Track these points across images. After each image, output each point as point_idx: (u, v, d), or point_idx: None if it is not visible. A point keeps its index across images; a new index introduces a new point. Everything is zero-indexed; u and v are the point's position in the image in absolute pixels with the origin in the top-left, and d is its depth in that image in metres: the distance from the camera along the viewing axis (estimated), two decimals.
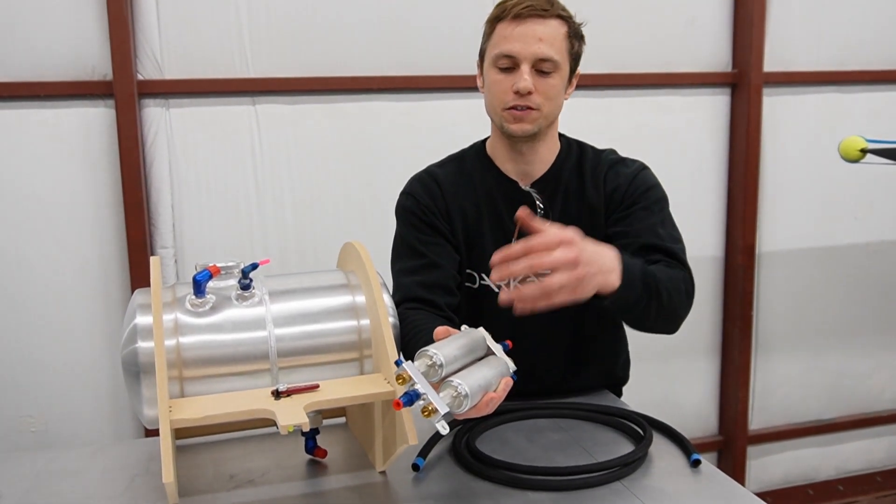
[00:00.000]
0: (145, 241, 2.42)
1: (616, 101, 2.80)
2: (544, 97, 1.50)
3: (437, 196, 1.63)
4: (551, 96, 1.51)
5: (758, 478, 3.22)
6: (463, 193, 1.63)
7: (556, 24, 1.49)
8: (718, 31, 2.88)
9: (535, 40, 1.46)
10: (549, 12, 1.48)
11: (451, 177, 1.66)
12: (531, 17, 1.46)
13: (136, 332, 1.17)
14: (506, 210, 1.60)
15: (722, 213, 3.01)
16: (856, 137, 2.12)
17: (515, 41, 1.47)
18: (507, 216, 1.60)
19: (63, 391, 2.49)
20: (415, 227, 1.62)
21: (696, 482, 1.25)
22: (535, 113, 1.51)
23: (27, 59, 2.33)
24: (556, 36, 1.48)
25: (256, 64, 2.47)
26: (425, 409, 1.02)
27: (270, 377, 1.20)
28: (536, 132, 1.54)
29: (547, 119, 1.53)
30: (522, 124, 1.52)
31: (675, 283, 1.43)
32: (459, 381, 1.04)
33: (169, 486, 1.06)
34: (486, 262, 1.59)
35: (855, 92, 3.04)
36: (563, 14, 1.51)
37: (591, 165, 1.62)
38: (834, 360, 3.24)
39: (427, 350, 1.06)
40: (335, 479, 1.28)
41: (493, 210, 1.62)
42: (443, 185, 1.64)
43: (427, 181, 1.66)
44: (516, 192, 1.61)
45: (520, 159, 1.61)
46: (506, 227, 1.60)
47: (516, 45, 1.47)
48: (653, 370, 3.00)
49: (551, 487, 1.22)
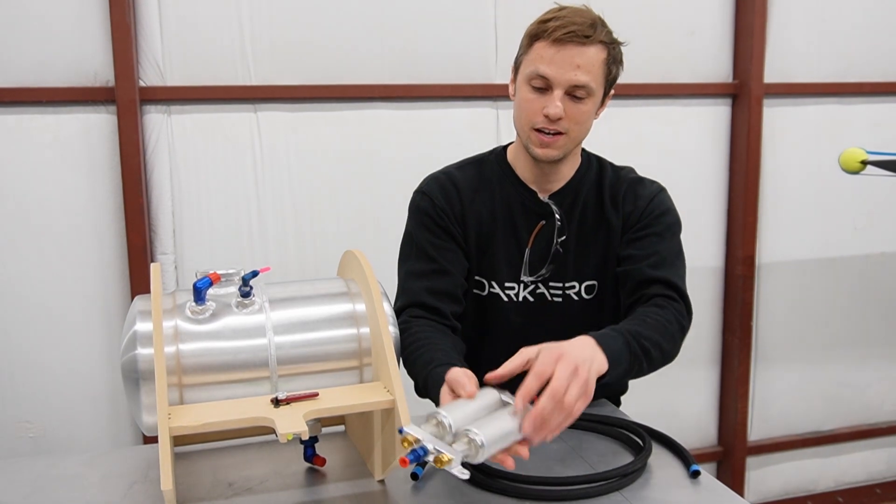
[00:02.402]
0: (146, 247, 2.42)
1: (617, 112, 2.80)
2: (574, 122, 1.48)
3: (454, 199, 1.60)
4: (581, 121, 1.49)
5: (757, 489, 3.22)
6: (480, 199, 1.61)
7: (596, 50, 1.45)
8: (719, 41, 2.89)
9: (572, 67, 1.43)
10: (591, 39, 1.44)
11: (469, 181, 1.63)
12: (571, 42, 1.43)
13: (135, 339, 1.17)
14: (522, 219, 1.59)
15: (722, 223, 3.01)
16: (856, 149, 2.12)
17: (552, 64, 1.44)
18: (522, 225, 1.59)
19: (61, 397, 2.49)
20: (427, 230, 1.59)
21: (696, 493, 1.25)
22: (562, 139, 1.49)
23: (29, 65, 2.33)
24: (595, 63, 1.45)
25: (258, 71, 2.48)
26: (437, 460, 0.99)
27: (270, 385, 1.20)
28: (563, 157, 1.53)
29: (573, 142, 1.52)
30: (548, 150, 1.50)
31: (665, 331, 1.45)
32: (476, 430, 1.02)
33: (167, 494, 1.05)
34: (496, 270, 1.60)
35: (855, 103, 3.04)
36: (605, 40, 1.47)
37: (610, 182, 1.61)
38: (833, 371, 3.23)
39: (437, 413, 1.05)
40: (334, 488, 1.28)
41: (509, 218, 1.60)
42: (461, 188, 1.61)
43: (445, 183, 1.62)
44: (534, 202, 1.59)
45: (540, 174, 1.59)
46: (519, 237, 1.59)
47: (552, 68, 1.44)
48: (652, 380, 2.96)
49: (550, 497, 1.22)
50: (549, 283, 1.59)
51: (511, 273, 1.59)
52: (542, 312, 1.60)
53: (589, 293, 1.60)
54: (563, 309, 1.60)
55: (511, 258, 1.59)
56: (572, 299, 1.59)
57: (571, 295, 1.59)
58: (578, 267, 1.59)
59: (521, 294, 1.60)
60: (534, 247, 1.58)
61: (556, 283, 1.59)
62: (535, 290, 1.60)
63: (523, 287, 1.60)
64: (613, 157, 1.71)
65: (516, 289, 1.60)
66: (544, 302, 1.60)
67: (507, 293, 1.60)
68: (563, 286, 1.59)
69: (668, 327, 1.46)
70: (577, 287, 1.59)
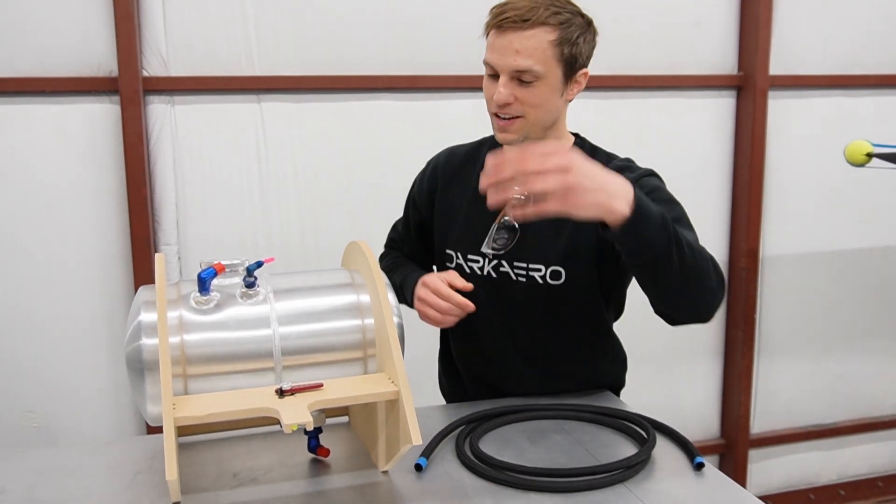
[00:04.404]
0: (149, 237, 2.42)
1: (621, 103, 2.80)
2: (529, 106, 1.48)
3: (436, 174, 1.73)
4: (535, 104, 1.48)
5: (759, 482, 3.22)
6: (461, 175, 1.69)
7: (540, 32, 1.43)
8: (725, 33, 2.88)
9: (511, 53, 1.44)
10: (531, 22, 1.42)
11: (458, 157, 1.72)
12: (510, 28, 1.43)
13: (140, 329, 1.17)
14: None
15: (726, 215, 3.01)
16: (862, 142, 2.11)
17: (494, 51, 1.47)
18: None
19: (65, 387, 2.49)
20: (412, 200, 1.79)
21: (700, 485, 1.24)
22: (518, 122, 1.50)
23: (33, 55, 2.33)
24: (537, 46, 1.43)
25: (262, 62, 2.47)
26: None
27: (274, 375, 1.20)
28: (523, 140, 1.52)
29: (536, 125, 1.51)
30: (506, 134, 1.52)
31: (700, 249, 1.35)
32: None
33: (172, 484, 1.06)
34: (461, 241, 1.64)
35: (861, 96, 3.03)
36: (552, 21, 1.44)
37: None
38: (837, 365, 3.23)
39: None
40: (338, 479, 1.28)
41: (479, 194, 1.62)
42: (447, 164, 1.73)
43: (438, 158, 1.76)
44: None
45: None
46: (488, 213, 1.58)
47: (494, 55, 1.47)
48: (655, 372, 3.00)
49: (554, 489, 1.21)
50: (513, 263, 1.59)
51: (475, 246, 1.61)
52: (505, 290, 1.60)
53: (555, 279, 1.57)
54: (527, 291, 1.58)
55: (476, 231, 1.61)
56: (537, 282, 1.57)
57: (536, 278, 1.57)
58: (545, 250, 1.57)
59: (486, 269, 1.62)
60: (501, 224, 1.59)
61: (520, 262, 1.58)
62: (499, 267, 1.61)
63: (487, 262, 1.61)
64: (617, 148, 1.70)
65: (480, 262, 1.62)
66: (508, 280, 1.60)
67: (471, 265, 1.63)
68: (526, 267, 1.58)
69: (703, 251, 1.35)
70: (542, 271, 1.57)
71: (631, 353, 1.75)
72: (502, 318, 1.62)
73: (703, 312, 1.39)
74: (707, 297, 1.35)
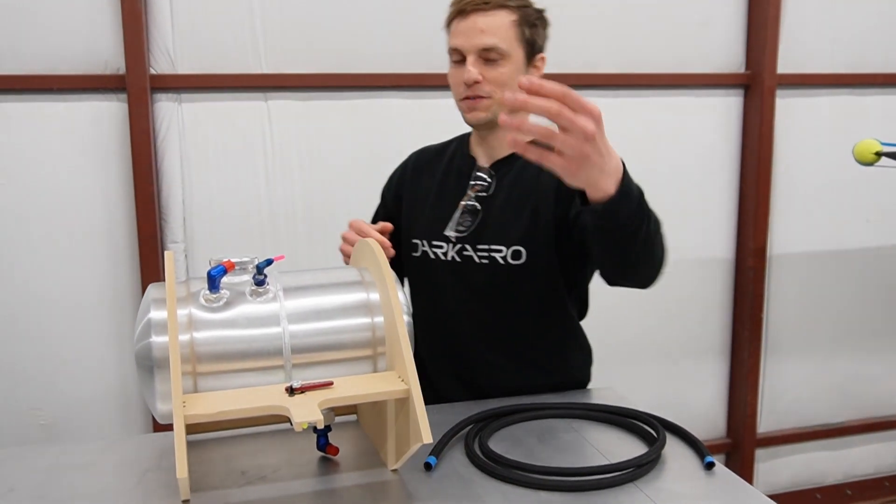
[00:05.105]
0: (156, 235, 2.42)
1: (629, 102, 2.79)
2: (495, 84, 1.56)
3: (406, 169, 1.82)
4: (501, 83, 1.56)
5: (765, 481, 3.21)
6: (430, 168, 1.77)
7: (502, 13, 1.54)
8: (732, 32, 2.87)
9: (476, 32, 1.53)
10: (491, 4, 1.53)
11: (428, 153, 1.82)
12: (473, 11, 1.54)
13: (150, 327, 1.16)
14: (455, 183, 1.70)
15: (733, 214, 3.00)
16: (871, 140, 2.11)
17: (460, 35, 1.56)
18: (455, 188, 1.69)
19: (71, 384, 2.50)
20: (382, 196, 1.88)
21: (711, 485, 1.24)
22: (486, 101, 1.57)
23: (41, 53, 2.33)
24: (501, 25, 1.54)
25: (269, 60, 2.47)
26: None
27: (284, 373, 1.20)
28: (492, 118, 1.59)
29: (503, 105, 1.57)
30: (476, 113, 1.59)
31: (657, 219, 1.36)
32: None
33: (182, 482, 1.05)
34: (425, 229, 1.69)
35: (869, 94, 3.02)
36: (510, 4, 1.55)
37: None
38: (844, 364, 3.22)
39: None
40: (347, 477, 1.28)
41: (445, 183, 1.72)
42: (417, 159, 1.82)
43: (410, 156, 1.85)
44: (470, 167, 1.70)
45: (485, 145, 1.69)
46: (451, 199, 1.68)
47: (461, 38, 1.55)
48: (661, 371, 2.99)
49: (565, 488, 1.21)
50: (476, 246, 1.63)
51: (439, 232, 1.67)
52: (468, 274, 1.64)
53: (516, 259, 1.61)
54: (490, 272, 1.63)
55: (442, 219, 1.67)
56: (498, 263, 1.61)
57: (497, 259, 1.61)
58: (506, 230, 1.62)
59: (450, 254, 1.66)
60: (464, 209, 1.65)
61: (482, 245, 1.63)
62: (462, 251, 1.65)
63: (451, 247, 1.65)
64: (625, 146, 1.70)
65: (444, 247, 1.66)
66: (471, 264, 1.64)
67: (435, 251, 1.67)
68: (488, 248, 1.62)
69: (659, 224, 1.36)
70: (503, 251, 1.61)
71: (637, 352, 1.75)
72: (467, 303, 1.66)
73: (649, 280, 1.43)
74: (657, 266, 1.40)
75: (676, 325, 2.95)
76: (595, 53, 2.72)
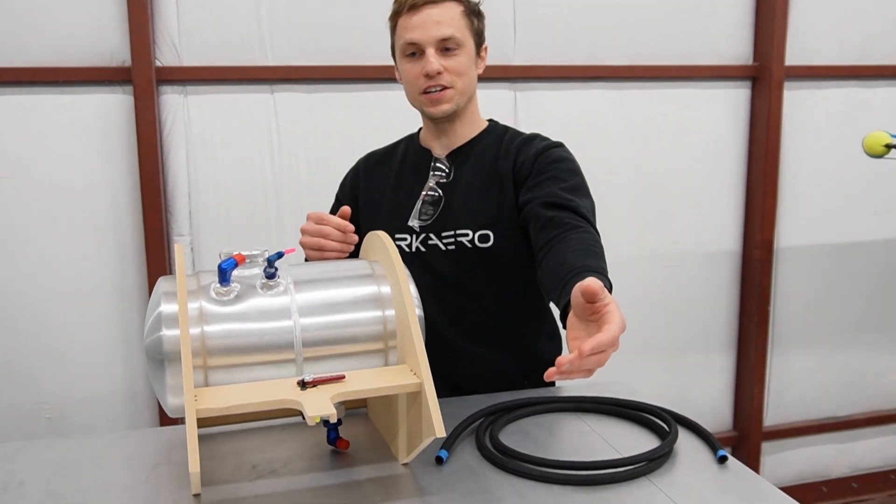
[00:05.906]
0: (162, 227, 2.42)
1: (635, 94, 2.78)
2: (455, 74, 1.59)
3: (358, 174, 1.81)
4: (461, 72, 1.60)
5: (772, 474, 3.21)
6: (380, 170, 1.78)
7: (451, 5, 1.59)
8: (740, 23, 2.85)
9: (433, 24, 1.56)
10: None
11: (376, 156, 1.82)
12: (425, 4, 1.57)
13: (160, 320, 1.16)
14: (412, 175, 1.71)
15: (740, 207, 2.99)
16: (881, 132, 2.09)
17: (416, 29, 1.57)
18: (412, 181, 1.70)
19: (78, 378, 2.49)
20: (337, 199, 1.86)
21: (724, 478, 1.23)
22: (449, 91, 1.60)
23: (46, 45, 2.32)
24: (454, 16, 1.58)
25: (275, 52, 2.46)
26: None
27: (295, 367, 1.19)
28: (456, 109, 1.62)
29: (463, 95, 1.62)
30: (441, 105, 1.61)
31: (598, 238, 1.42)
32: None
33: (194, 476, 1.05)
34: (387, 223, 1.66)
35: (877, 86, 3.01)
36: None
37: (507, 141, 1.69)
38: (850, 357, 3.21)
39: None
40: (358, 471, 1.27)
41: (402, 178, 1.73)
42: (366, 163, 1.82)
43: (358, 162, 1.84)
44: (426, 159, 1.71)
45: (443, 136, 1.70)
46: (410, 192, 1.68)
47: (417, 32, 1.57)
48: (668, 364, 2.98)
49: (577, 482, 1.20)
50: (441, 234, 1.64)
51: (401, 224, 1.67)
52: (435, 263, 1.65)
53: (483, 241, 1.62)
54: (457, 257, 1.63)
55: (400, 211, 1.68)
56: (465, 247, 1.62)
57: (464, 242, 1.62)
58: (471, 215, 1.63)
59: (414, 245, 1.67)
60: (425, 199, 1.67)
61: (447, 231, 1.64)
62: (427, 240, 1.66)
63: (415, 238, 1.66)
64: (631, 139, 1.70)
65: (408, 239, 1.67)
66: (437, 252, 1.65)
67: (399, 244, 1.67)
68: (454, 234, 1.63)
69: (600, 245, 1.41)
70: (470, 235, 1.62)
71: (644, 346, 1.74)
72: (434, 292, 1.64)
73: None
74: None
75: (683, 318, 2.94)
76: (602, 46, 2.70)
